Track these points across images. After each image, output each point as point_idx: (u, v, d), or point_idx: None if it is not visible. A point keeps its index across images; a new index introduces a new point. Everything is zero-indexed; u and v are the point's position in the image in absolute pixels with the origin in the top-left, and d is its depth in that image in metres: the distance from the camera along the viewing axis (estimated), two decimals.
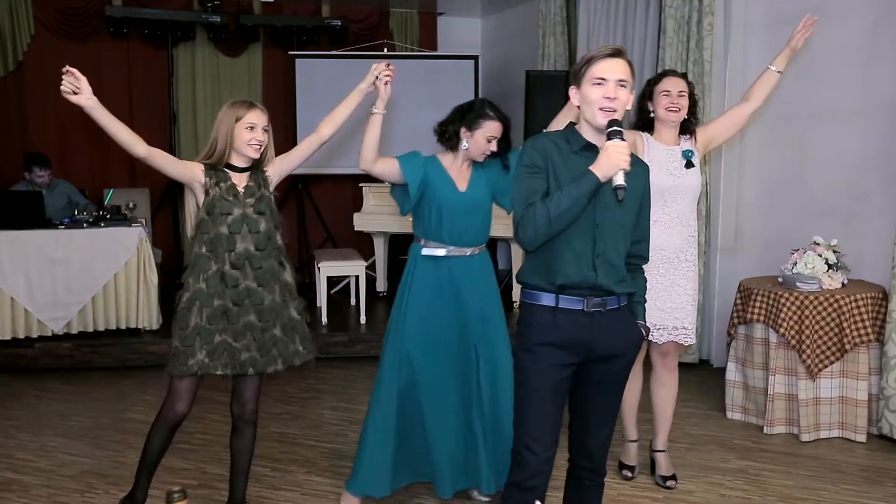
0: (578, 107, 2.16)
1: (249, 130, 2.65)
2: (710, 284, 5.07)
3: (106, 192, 6.31)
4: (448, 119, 2.97)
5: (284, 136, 7.11)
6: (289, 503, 3.20)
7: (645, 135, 3.17)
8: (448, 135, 2.94)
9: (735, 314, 4.13)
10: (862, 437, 3.79)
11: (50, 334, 5.18)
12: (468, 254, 2.95)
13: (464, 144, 2.91)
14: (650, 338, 3.19)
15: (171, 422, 2.74)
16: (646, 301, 2.36)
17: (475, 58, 7.42)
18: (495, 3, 7.67)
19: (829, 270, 3.91)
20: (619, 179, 2.01)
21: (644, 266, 2.38)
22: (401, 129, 6.06)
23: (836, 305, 3.75)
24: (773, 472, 3.48)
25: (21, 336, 5.11)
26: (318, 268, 5.85)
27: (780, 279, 4.08)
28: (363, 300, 5.76)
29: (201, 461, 3.59)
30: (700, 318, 5.06)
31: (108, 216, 5.52)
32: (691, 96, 3.17)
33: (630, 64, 2.14)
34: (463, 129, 2.91)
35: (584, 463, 2.33)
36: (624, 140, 2.04)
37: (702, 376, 4.88)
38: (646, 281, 2.38)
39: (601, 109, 2.08)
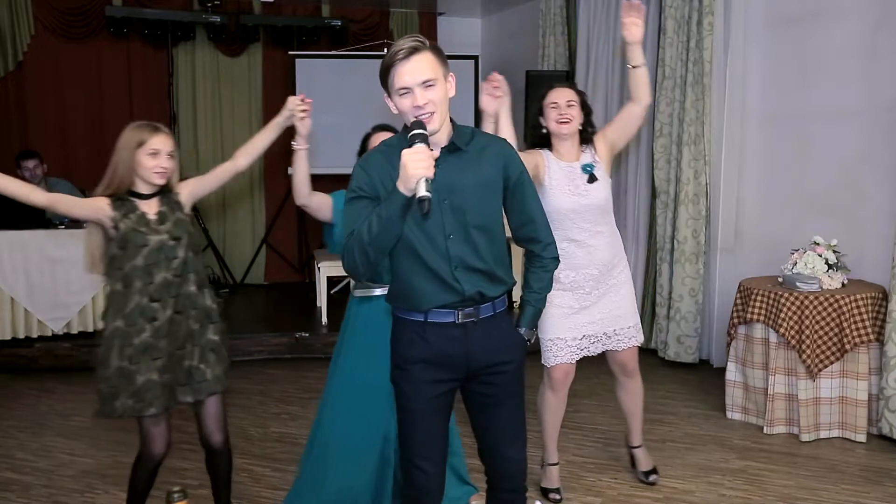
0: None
1: (153, 157, 2.49)
2: (710, 284, 5.07)
3: None
4: None
5: (284, 136, 7.10)
6: None
7: (545, 152, 3.04)
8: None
9: (735, 314, 4.13)
10: (862, 437, 3.79)
11: (50, 334, 5.18)
12: None
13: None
14: (588, 353, 3.09)
15: (154, 463, 2.67)
16: (541, 300, 2.17)
17: (475, 58, 7.42)
18: (495, 3, 7.67)
19: (829, 270, 3.90)
20: (422, 190, 1.78)
21: (571, 283, 2.18)
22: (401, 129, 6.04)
23: (836, 305, 3.75)
24: (773, 472, 3.48)
25: (21, 336, 5.12)
26: (318, 268, 5.85)
27: (780, 279, 4.08)
28: None
29: (201, 461, 3.56)
30: (700, 318, 5.06)
31: None
32: (584, 105, 3.05)
33: (434, 49, 1.97)
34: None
35: (503, 484, 2.18)
36: (424, 143, 1.84)
37: (702, 376, 4.88)
38: (545, 276, 2.16)
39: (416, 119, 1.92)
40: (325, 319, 5.71)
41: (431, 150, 1.86)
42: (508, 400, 2.11)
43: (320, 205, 2.82)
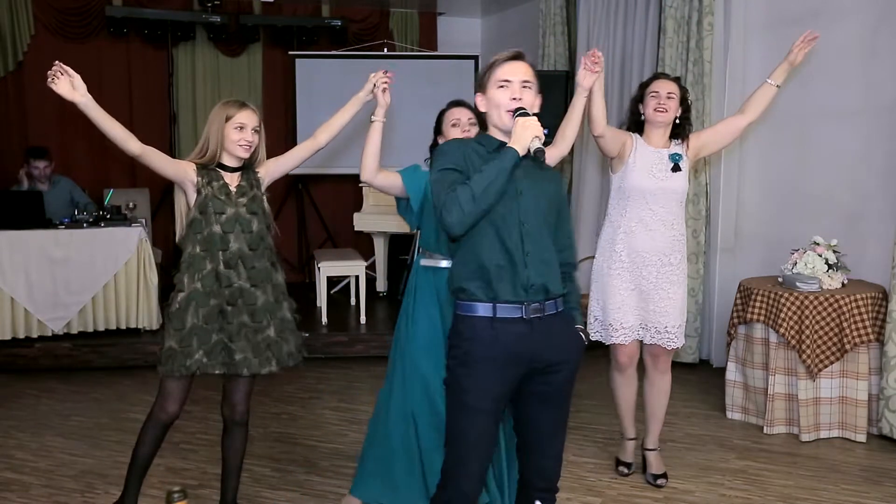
0: (485, 112, 2.18)
1: (239, 130, 2.64)
2: (710, 284, 5.07)
3: (106, 192, 6.30)
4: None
5: (284, 136, 7.14)
6: (289, 503, 3.20)
7: (634, 135, 3.19)
8: (433, 150, 2.91)
9: (735, 314, 4.13)
10: (862, 437, 3.79)
11: (50, 334, 5.18)
12: None
13: None
14: (639, 337, 3.24)
15: (163, 422, 2.73)
16: (579, 308, 2.29)
17: (475, 58, 7.42)
18: (495, 3, 7.67)
19: (829, 270, 3.91)
20: (536, 144, 2.04)
21: (631, 263, 2.35)
22: (401, 129, 6.06)
23: (836, 305, 3.75)
24: (773, 472, 3.48)
25: (21, 336, 5.11)
26: (318, 268, 5.85)
27: (780, 279, 4.08)
28: (363, 300, 5.75)
29: (201, 461, 3.58)
30: (700, 318, 5.06)
31: (108, 216, 5.52)
32: (684, 101, 3.18)
33: (532, 67, 2.19)
34: (438, 138, 2.94)
35: (539, 483, 2.22)
36: (532, 117, 2.07)
37: (702, 376, 4.88)
38: (578, 289, 2.31)
39: (508, 111, 2.11)
40: (325, 319, 5.70)
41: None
42: (558, 399, 2.18)
43: (389, 182, 2.86)
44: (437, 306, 2.86)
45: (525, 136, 2.03)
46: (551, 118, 3.12)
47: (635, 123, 3.23)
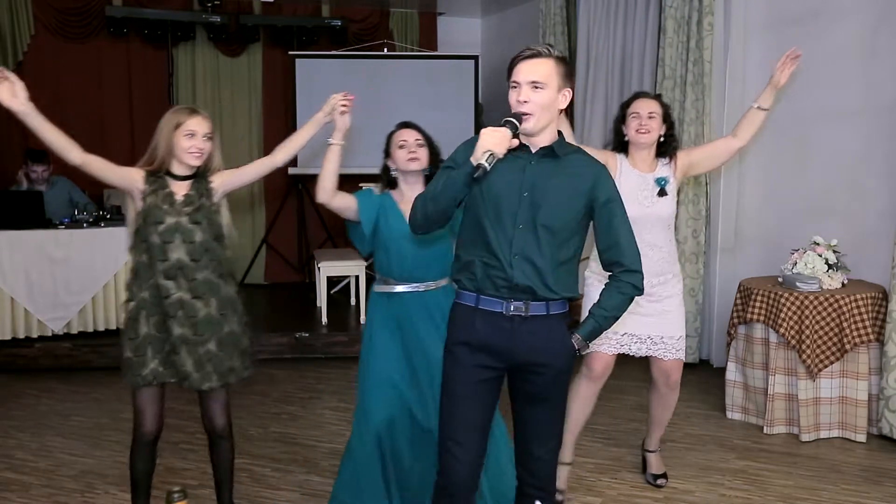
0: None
1: (189, 138, 2.57)
2: (710, 284, 5.07)
3: (106, 193, 6.31)
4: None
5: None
6: (289, 503, 3.20)
7: (619, 156, 3.08)
8: (384, 177, 2.88)
9: (735, 314, 4.13)
10: (862, 437, 3.79)
11: (50, 334, 5.18)
12: (422, 290, 2.79)
13: (392, 170, 2.85)
14: (628, 350, 3.10)
15: (145, 441, 2.69)
16: (605, 319, 2.16)
17: (475, 58, 7.42)
18: (495, 3, 7.67)
19: (829, 270, 3.91)
20: (482, 159, 1.95)
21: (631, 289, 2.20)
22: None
23: (836, 305, 3.75)
24: (773, 472, 3.48)
25: (21, 336, 5.11)
26: (318, 268, 5.85)
27: (780, 279, 4.08)
28: (363, 300, 5.75)
29: (201, 461, 3.58)
30: (700, 318, 5.06)
31: (108, 216, 5.52)
32: (666, 118, 3.08)
33: (560, 61, 2.08)
34: (386, 161, 2.87)
35: (528, 479, 2.23)
36: (510, 129, 2.00)
37: (702, 376, 4.88)
38: (616, 296, 2.15)
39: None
40: (325, 319, 5.71)
41: (514, 139, 2.01)
42: (547, 399, 2.17)
43: (345, 205, 2.80)
44: (397, 332, 2.79)
45: (478, 146, 1.98)
46: None
47: (620, 144, 3.12)
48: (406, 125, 2.87)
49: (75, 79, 6.90)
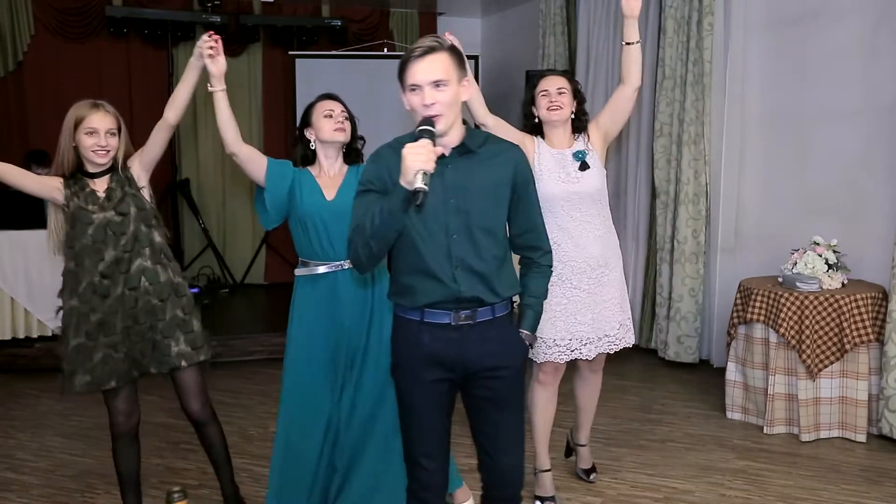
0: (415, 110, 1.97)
1: (90, 136, 2.49)
2: (710, 284, 5.07)
3: None
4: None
5: (284, 136, 7.14)
6: None
7: (536, 138, 2.98)
8: (300, 149, 2.76)
9: (735, 314, 4.13)
10: (862, 437, 3.79)
11: (50, 334, 5.18)
12: (347, 267, 2.69)
13: (312, 142, 2.74)
14: (580, 355, 2.96)
15: (123, 435, 2.70)
16: (540, 305, 2.17)
17: (475, 58, 7.41)
18: (495, 3, 7.67)
19: (829, 270, 3.91)
20: (418, 182, 1.75)
21: (558, 276, 2.12)
22: (401, 129, 6.05)
23: (836, 305, 3.75)
24: (773, 472, 3.48)
25: (21, 336, 5.12)
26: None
27: (780, 279, 4.08)
28: None
29: (201, 461, 3.57)
30: (700, 317, 5.06)
31: None
32: (577, 94, 3.00)
33: (452, 51, 1.96)
34: (305, 130, 2.75)
35: (498, 492, 2.15)
36: (429, 139, 1.83)
37: (702, 376, 4.88)
38: (543, 281, 2.18)
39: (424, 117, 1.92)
40: None
41: (437, 147, 1.85)
42: (506, 405, 2.09)
43: (250, 156, 2.68)
44: (322, 317, 2.70)
45: (405, 170, 1.77)
46: None
47: (533, 127, 3.01)
48: (329, 96, 2.77)
49: (75, 79, 6.88)
